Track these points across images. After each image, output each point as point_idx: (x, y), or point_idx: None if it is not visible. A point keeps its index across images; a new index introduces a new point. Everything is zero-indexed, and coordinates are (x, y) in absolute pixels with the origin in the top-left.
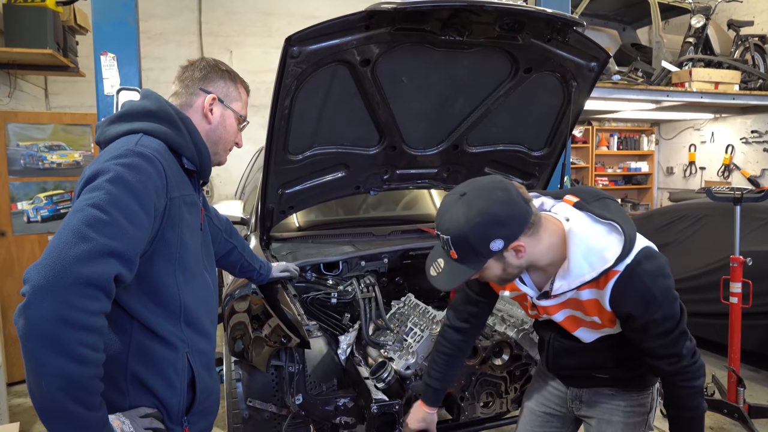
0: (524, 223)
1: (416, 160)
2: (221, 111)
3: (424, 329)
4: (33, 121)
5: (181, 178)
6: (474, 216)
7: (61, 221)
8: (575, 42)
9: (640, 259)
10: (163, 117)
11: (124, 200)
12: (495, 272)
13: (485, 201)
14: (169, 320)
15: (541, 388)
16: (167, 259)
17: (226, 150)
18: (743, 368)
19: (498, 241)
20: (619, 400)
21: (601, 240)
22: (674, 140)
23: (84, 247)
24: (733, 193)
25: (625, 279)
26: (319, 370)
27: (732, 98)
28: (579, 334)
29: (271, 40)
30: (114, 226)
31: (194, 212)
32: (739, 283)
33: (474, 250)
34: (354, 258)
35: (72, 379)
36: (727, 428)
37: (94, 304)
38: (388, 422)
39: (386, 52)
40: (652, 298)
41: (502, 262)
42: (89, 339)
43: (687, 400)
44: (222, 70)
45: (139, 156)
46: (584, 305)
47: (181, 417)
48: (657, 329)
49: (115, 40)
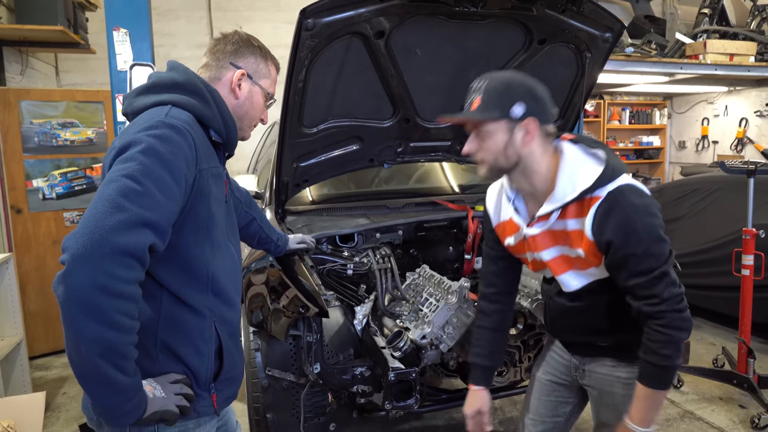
0: (548, 116)
1: (430, 133)
2: (249, 87)
3: (439, 299)
4: (46, 98)
5: (209, 150)
6: (518, 78)
7: (75, 198)
8: (589, 12)
9: (623, 190)
10: (191, 89)
11: (156, 171)
12: (497, 142)
13: (532, 80)
14: (198, 290)
15: (549, 357)
16: (196, 230)
17: (250, 126)
18: (753, 340)
19: (521, 105)
20: (620, 372)
21: (587, 165)
22: (687, 114)
23: (120, 216)
24: (746, 165)
25: (607, 205)
26: (335, 340)
27: (747, 70)
28: (568, 277)
29: (280, 15)
30: (148, 196)
31: (220, 184)
32: (751, 256)
33: (500, 99)
34: (369, 230)
35: (109, 345)
36: (736, 398)
37: (130, 272)
38: (404, 390)
39: (400, 24)
40: (633, 231)
41: (509, 135)
42: (126, 307)
43: (658, 346)
44: (254, 45)
45: (170, 127)
46: (570, 236)
47: (209, 384)
48: (637, 266)
49: (128, 16)
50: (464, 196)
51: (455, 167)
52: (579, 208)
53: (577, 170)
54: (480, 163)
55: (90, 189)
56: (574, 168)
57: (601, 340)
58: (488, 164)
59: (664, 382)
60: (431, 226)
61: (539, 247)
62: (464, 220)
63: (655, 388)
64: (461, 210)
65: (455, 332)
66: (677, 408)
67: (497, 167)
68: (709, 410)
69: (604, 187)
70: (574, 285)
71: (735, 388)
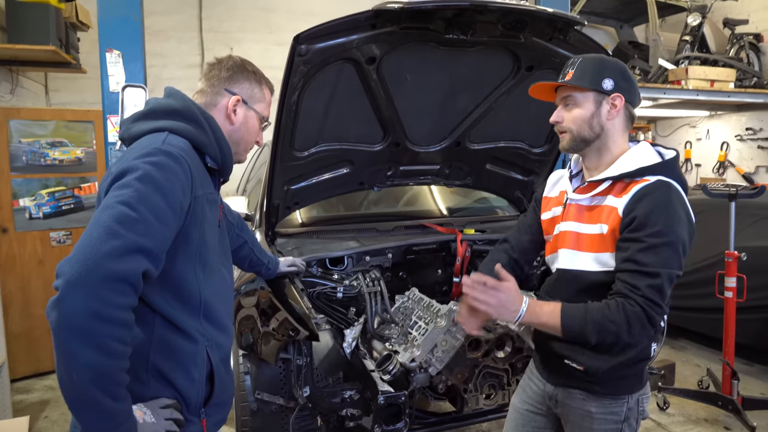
0: (635, 98)
1: (419, 157)
2: (244, 112)
3: (428, 322)
4: (35, 117)
5: (204, 176)
6: (612, 58)
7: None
8: (576, 41)
9: (672, 186)
10: (188, 116)
11: (152, 198)
12: (584, 111)
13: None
14: (190, 314)
15: (525, 386)
16: (189, 256)
17: (246, 149)
18: (737, 361)
19: (611, 81)
20: (590, 406)
21: (651, 155)
22: (670, 137)
23: (115, 243)
24: (728, 189)
25: (650, 188)
26: (325, 363)
27: (727, 96)
28: (576, 255)
29: (271, 37)
30: (143, 223)
31: (214, 209)
32: (733, 278)
33: (592, 72)
34: (359, 253)
35: (102, 371)
36: (721, 420)
37: (123, 299)
38: (394, 413)
39: (391, 51)
40: (656, 221)
41: (597, 106)
42: (119, 333)
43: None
44: (248, 71)
45: (167, 155)
46: (603, 211)
47: (199, 409)
48: (637, 254)
49: (121, 37)
50: (453, 219)
51: (444, 190)
52: (623, 187)
53: (640, 156)
54: (564, 132)
55: (78, 209)
56: (639, 154)
57: (577, 356)
58: (572, 134)
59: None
60: (420, 249)
61: (571, 216)
62: (453, 243)
63: (561, 322)
64: (450, 233)
65: (444, 355)
66: (663, 430)
67: (581, 137)
68: None
69: (656, 176)
70: (579, 265)
71: (720, 410)
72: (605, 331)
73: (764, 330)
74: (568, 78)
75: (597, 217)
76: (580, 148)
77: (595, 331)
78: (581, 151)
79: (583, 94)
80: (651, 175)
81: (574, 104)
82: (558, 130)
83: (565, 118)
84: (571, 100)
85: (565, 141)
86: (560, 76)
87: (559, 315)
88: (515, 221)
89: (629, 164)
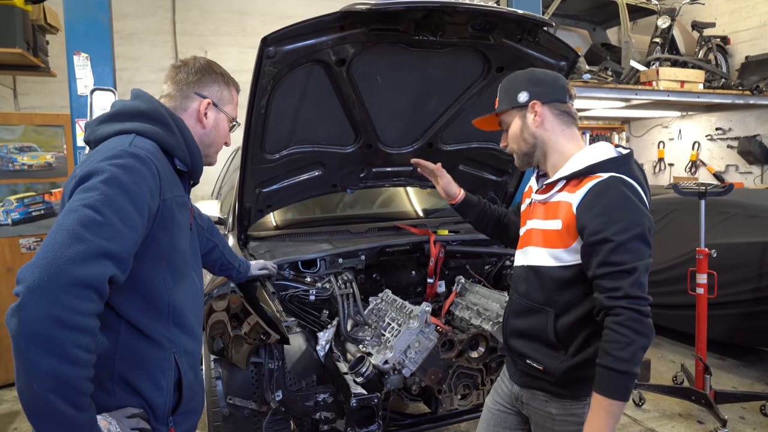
0: (552, 94)
1: (392, 159)
2: (215, 115)
3: (401, 324)
4: (2, 122)
5: (174, 179)
6: (521, 72)
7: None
8: (545, 42)
9: (625, 180)
10: (155, 118)
11: (118, 201)
12: (515, 129)
13: (537, 70)
14: (158, 320)
15: (498, 387)
16: (157, 260)
17: (217, 151)
18: (710, 356)
19: (524, 93)
20: (551, 408)
21: (605, 152)
22: (644, 137)
23: (79, 248)
24: (698, 188)
25: (603, 185)
26: (298, 367)
27: (697, 96)
28: (536, 250)
29: (245, 40)
30: (109, 227)
31: (185, 213)
32: (704, 275)
33: (506, 92)
34: (331, 255)
35: (63, 379)
36: (695, 414)
37: (88, 305)
38: (367, 415)
39: (361, 52)
40: (617, 219)
41: (522, 120)
42: (82, 340)
43: (613, 347)
44: (216, 72)
45: (134, 157)
46: (558, 207)
47: (167, 417)
48: (610, 255)
49: (88, 40)
50: (427, 221)
51: (419, 192)
52: (577, 183)
53: (592, 154)
54: (511, 152)
55: (48, 215)
56: (592, 153)
57: (537, 356)
58: (516, 152)
59: (619, 391)
60: (393, 250)
61: (534, 215)
62: (426, 245)
63: (609, 396)
64: (423, 234)
65: (417, 356)
66: (639, 426)
67: (522, 152)
68: (669, 427)
69: (609, 172)
70: (539, 260)
71: (694, 404)
72: (631, 354)
73: (735, 325)
74: (495, 106)
75: (553, 214)
76: (529, 161)
77: (626, 362)
78: (531, 163)
79: (508, 114)
80: (603, 172)
81: (507, 126)
82: (509, 152)
83: (506, 140)
84: (504, 124)
85: (516, 160)
86: None
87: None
88: None
89: (580, 162)
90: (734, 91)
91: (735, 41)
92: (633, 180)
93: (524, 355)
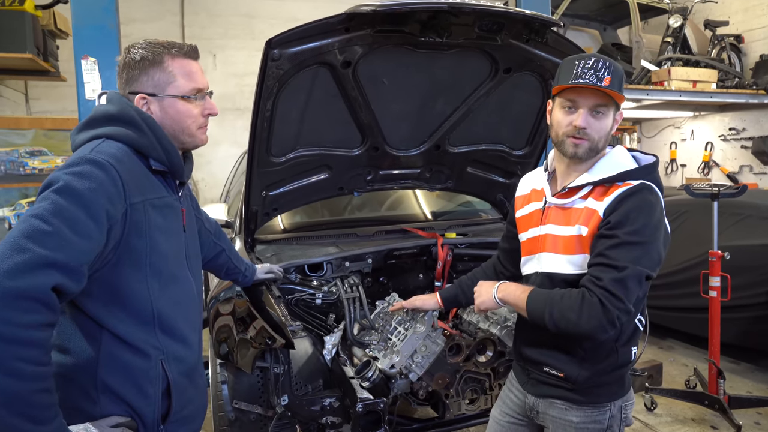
0: None
1: (399, 161)
2: (158, 104)
3: (408, 328)
4: (13, 126)
5: (147, 180)
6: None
7: None
8: (553, 42)
9: (654, 190)
10: (125, 120)
11: (69, 210)
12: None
13: None
14: (141, 328)
15: (505, 397)
16: (136, 267)
17: (190, 134)
18: (723, 360)
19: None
20: (572, 416)
21: (630, 160)
22: (655, 138)
23: (18, 258)
24: (710, 189)
25: (634, 190)
26: (304, 371)
27: (709, 96)
28: (553, 257)
29: (254, 43)
30: (55, 236)
31: (170, 214)
32: (717, 277)
33: (620, 86)
34: (338, 259)
35: (14, 395)
36: (708, 419)
37: (30, 317)
38: (373, 420)
39: (367, 54)
40: (634, 220)
41: (613, 121)
42: (26, 353)
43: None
44: (137, 60)
45: (91, 163)
46: (582, 214)
47: (156, 426)
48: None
49: (96, 44)
50: (435, 223)
51: (428, 194)
52: (604, 191)
53: (619, 160)
54: (582, 139)
55: None
56: (618, 159)
57: (556, 363)
58: (591, 143)
59: (528, 309)
60: (401, 253)
61: (550, 219)
62: (434, 248)
63: (527, 305)
64: (431, 237)
65: (424, 361)
66: (651, 431)
67: (597, 148)
68: None
69: (639, 179)
70: (556, 267)
71: (707, 409)
72: (564, 318)
73: (749, 328)
74: (606, 83)
75: (575, 219)
76: (590, 158)
77: (554, 316)
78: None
79: (609, 103)
80: (633, 180)
81: (604, 114)
82: (578, 135)
83: (592, 126)
84: (603, 108)
85: (583, 149)
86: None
87: (526, 298)
88: (498, 224)
89: (610, 169)
90: (748, 90)
91: (749, 40)
92: (659, 189)
93: (541, 363)
